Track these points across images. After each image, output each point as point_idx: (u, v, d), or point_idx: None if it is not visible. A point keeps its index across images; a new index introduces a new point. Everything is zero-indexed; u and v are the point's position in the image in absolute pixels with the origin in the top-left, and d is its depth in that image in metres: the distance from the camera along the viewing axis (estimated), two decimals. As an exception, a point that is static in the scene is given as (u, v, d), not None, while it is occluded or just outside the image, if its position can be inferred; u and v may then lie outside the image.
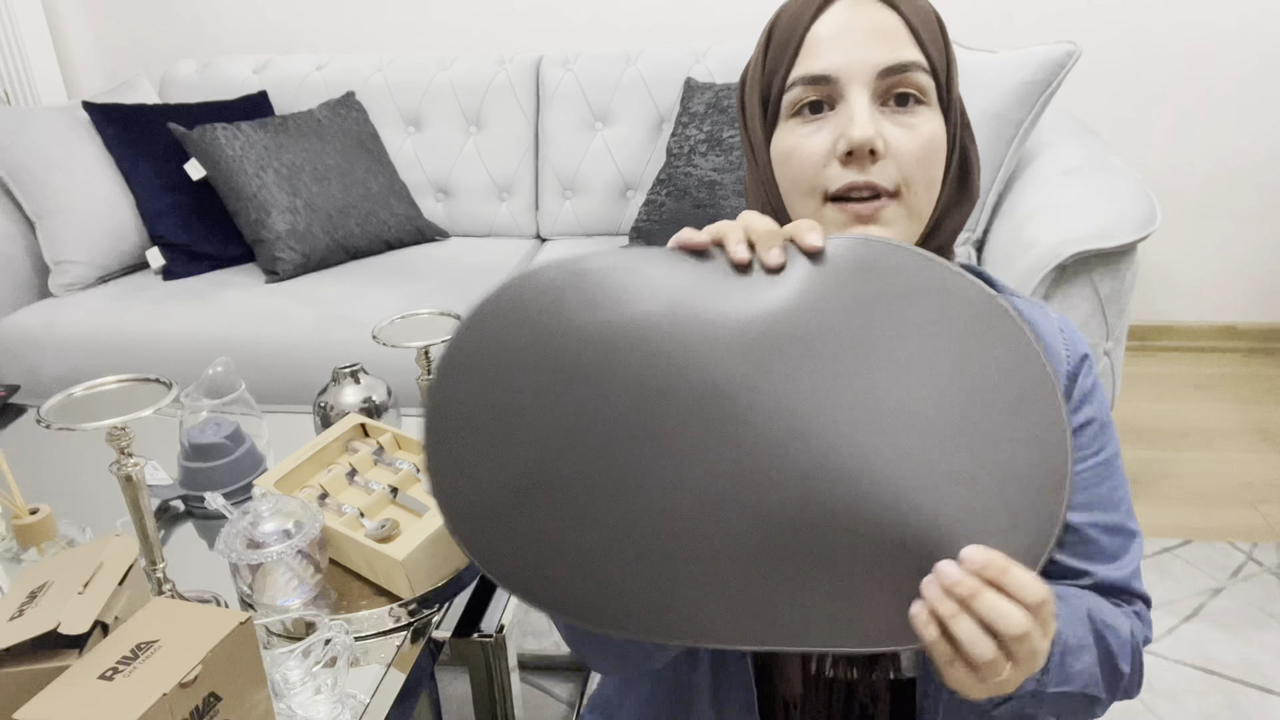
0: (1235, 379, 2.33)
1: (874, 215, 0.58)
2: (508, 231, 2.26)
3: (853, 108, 0.56)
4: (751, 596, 0.49)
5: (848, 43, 0.57)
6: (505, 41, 2.42)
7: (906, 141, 0.57)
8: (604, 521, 0.50)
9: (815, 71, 0.57)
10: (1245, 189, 2.34)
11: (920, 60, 0.57)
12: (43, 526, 0.86)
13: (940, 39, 0.60)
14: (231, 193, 1.92)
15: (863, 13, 0.57)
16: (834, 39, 0.57)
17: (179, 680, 0.54)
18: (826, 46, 0.57)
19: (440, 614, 0.83)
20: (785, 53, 0.59)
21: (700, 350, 0.49)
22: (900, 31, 0.57)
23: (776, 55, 0.60)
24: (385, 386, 1.06)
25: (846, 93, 0.57)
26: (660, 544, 0.49)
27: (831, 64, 0.57)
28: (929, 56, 0.58)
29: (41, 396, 1.33)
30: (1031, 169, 1.72)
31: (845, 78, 0.57)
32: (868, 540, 0.48)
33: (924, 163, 0.58)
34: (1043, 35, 2.24)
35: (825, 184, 0.58)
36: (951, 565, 0.46)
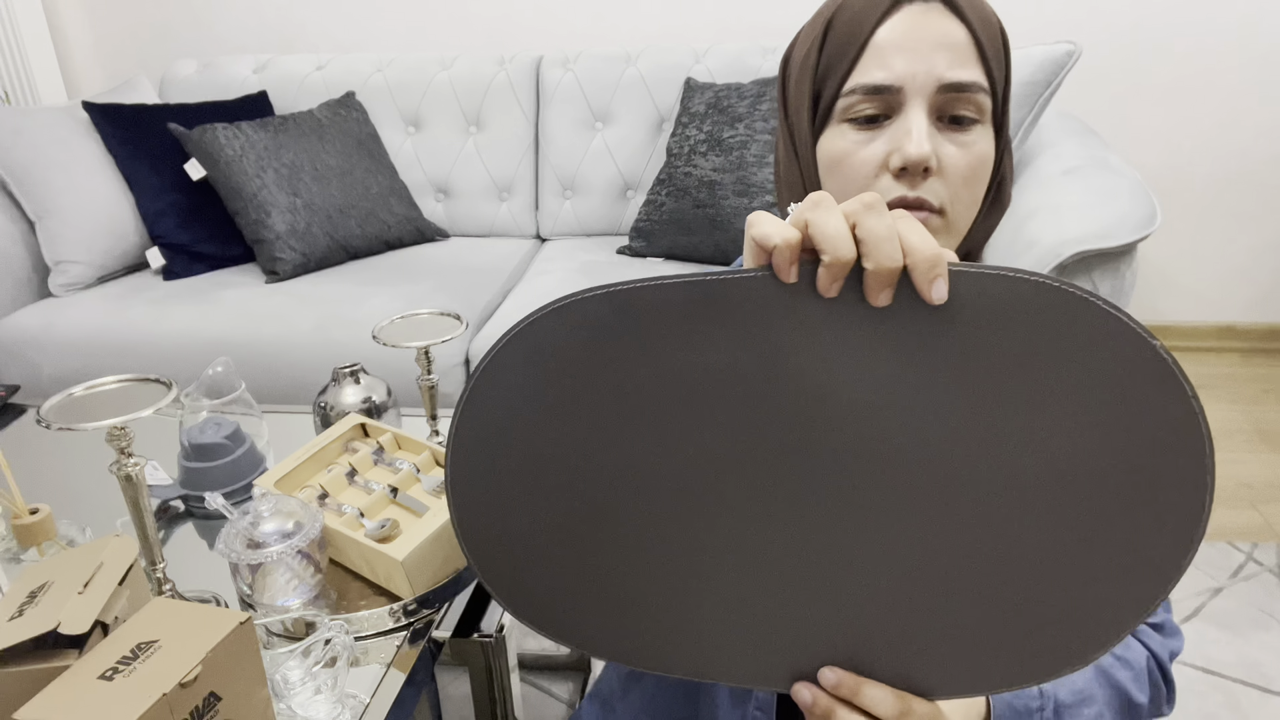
0: (1235, 379, 2.33)
1: None
2: (508, 231, 2.26)
3: (910, 122, 0.55)
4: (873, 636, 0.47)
5: (912, 53, 0.55)
6: (505, 41, 2.42)
7: (959, 160, 0.56)
8: (664, 577, 0.47)
9: (878, 82, 0.56)
10: (1245, 189, 2.34)
11: (982, 81, 0.56)
12: (43, 526, 0.86)
13: (1003, 55, 0.59)
14: (231, 193, 1.92)
15: (930, 22, 0.56)
16: (899, 47, 0.55)
17: (179, 680, 0.54)
18: (890, 55, 0.55)
19: (440, 614, 0.83)
20: (845, 55, 0.57)
21: (784, 407, 0.43)
22: (966, 46, 0.56)
23: (835, 54, 0.58)
24: (385, 386, 1.06)
25: (905, 105, 0.56)
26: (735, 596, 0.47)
27: (894, 75, 0.55)
28: (990, 75, 0.57)
29: (41, 396, 1.33)
30: (1031, 169, 1.72)
31: (906, 88, 0.55)
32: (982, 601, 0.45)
33: (971, 181, 0.57)
34: (1043, 35, 2.24)
35: None
36: (804, 690, 0.47)
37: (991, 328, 0.41)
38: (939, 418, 0.42)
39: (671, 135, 1.97)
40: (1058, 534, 0.43)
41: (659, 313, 0.43)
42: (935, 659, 0.47)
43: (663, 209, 1.94)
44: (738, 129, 1.86)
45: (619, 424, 0.45)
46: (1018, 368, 0.41)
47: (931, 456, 0.43)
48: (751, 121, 1.86)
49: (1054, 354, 0.41)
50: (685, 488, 0.46)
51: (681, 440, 0.45)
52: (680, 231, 1.92)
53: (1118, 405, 0.41)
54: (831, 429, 0.43)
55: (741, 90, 1.91)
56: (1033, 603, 0.45)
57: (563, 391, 0.45)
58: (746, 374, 0.43)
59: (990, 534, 0.44)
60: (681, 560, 0.47)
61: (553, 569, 0.48)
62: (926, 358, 0.41)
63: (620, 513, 0.47)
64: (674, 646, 0.49)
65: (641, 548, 0.47)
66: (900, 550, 0.45)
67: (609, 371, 0.44)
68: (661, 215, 1.94)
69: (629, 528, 0.47)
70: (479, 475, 0.47)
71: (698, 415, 0.44)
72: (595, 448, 0.46)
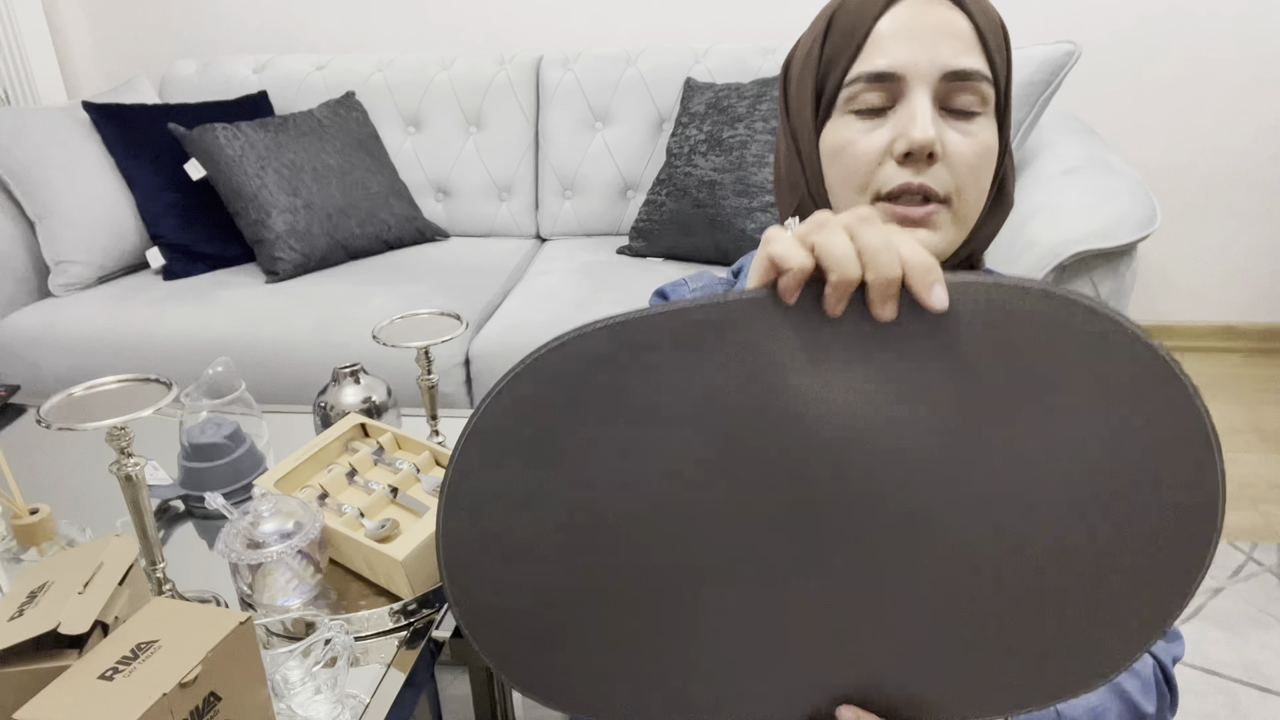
0: (1235, 379, 2.33)
1: (924, 220, 0.56)
2: (508, 231, 2.26)
3: (914, 108, 0.55)
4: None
5: (915, 41, 0.55)
6: (505, 41, 2.42)
7: (964, 148, 0.56)
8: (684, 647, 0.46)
9: (880, 69, 0.56)
10: (1245, 189, 2.34)
11: (984, 69, 0.56)
12: (43, 526, 0.86)
13: (1004, 47, 0.59)
14: (231, 193, 1.92)
15: (933, 11, 0.56)
16: (901, 36, 0.56)
17: (179, 680, 0.54)
18: (893, 43, 0.56)
19: (440, 614, 0.83)
20: (848, 45, 0.57)
21: (801, 448, 0.42)
22: (969, 35, 0.56)
23: (838, 45, 0.58)
24: (385, 386, 1.06)
25: (909, 92, 0.56)
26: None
27: (897, 62, 0.55)
28: (993, 65, 0.57)
29: (41, 396, 1.33)
30: (1031, 169, 1.72)
31: (910, 76, 0.55)
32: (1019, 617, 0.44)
33: (977, 171, 0.57)
34: (1043, 35, 2.24)
35: (879, 183, 0.57)
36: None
37: (994, 339, 0.40)
38: (946, 435, 0.41)
39: (671, 135, 1.97)
40: (1073, 551, 0.42)
41: (660, 342, 0.41)
42: (950, 686, 0.46)
43: (663, 209, 1.94)
44: (738, 129, 1.86)
45: (625, 461, 0.43)
46: (1025, 379, 0.40)
47: (940, 476, 0.42)
48: (751, 121, 1.86)
49: (1058, 363, 0.40)
50: (692, 527, 0.44)
51: (689, 473, 0.43)
52: (680, 231, 1.92)
53: (1125, 413, 0.40)
54: (838, 452, 0.42)
55: (741, 90, 1.91)
56: (1049, 624, 0.44)
57: (565, 429, 0.43)
58: (752, 400, 0.42)
59: (1003, 554, 0.43)
60: (689, 603, 0.45)
61: (554, 624, 0.46)
62: (930, 373, 0.40)
63: (624, 559, 0.45)
64: (684, 700, 0.47)
65: (649, 593, 0.45)
66: (913, 576, 0.44)
67: (613, 405, 0.42)
68: (661, 215, 1.94)
69: (633, 572, 0.45)
70: (476, 511, 0.45)
71: (705, 446, 0.43)
72: (603, 485, 0.44)
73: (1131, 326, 0.39)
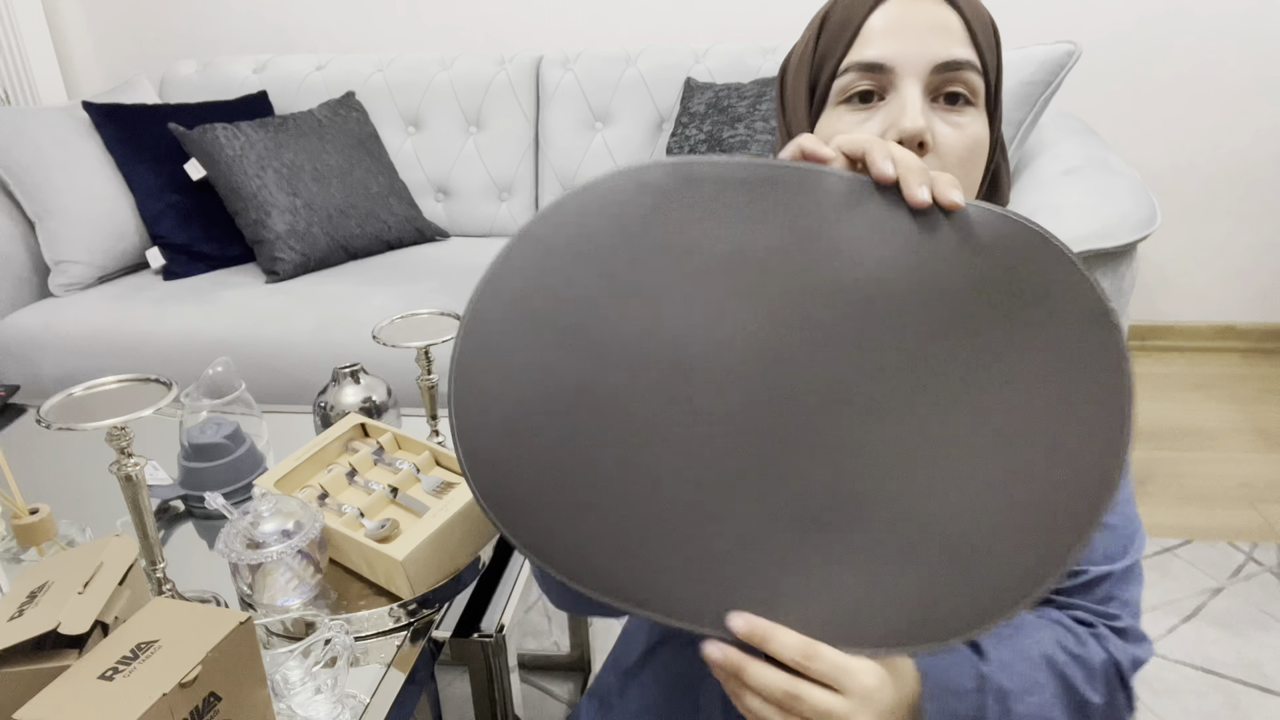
0: (1235, 379, 2.33)
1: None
2: (508, 231, 2.26)
3: (905, 99, 0.56)
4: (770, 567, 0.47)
5: (905, 34, 0.56)
6: (505, 41, 2.42)
7: (954, 139, 0.57)
8: (636, 465, 0.47)
9: (870, 59, 0.57)
10: (1245, 189, 2.34)
11: (974, 60, 0.57)
12: (43, 526, 0.86)
13: (994, 44, 0.60)
14: (231, 193, 1.92)
15: (922, 7, 0.57)
16: (891, 30, 0.57)
17: (179, 680, 0.54)
18: (883, 36, 0.57)
19: (440, 614, 0.83)
20: (840, 39, 0.59)
21: (799, 300, 0.46)
22: (958, 29, 0.57)
23: (830, 41, 0.60)
24: (385, 386, 1.06)
25: (899, 84, 0.57)
26: (686, 493, 0.47)
27: (887, 53, 0.56)
28: (982, 58, 0.58)
29: (41, 396, 1.33)
30: (1031, 169, 1.72)
31: (900, 68, 0.56)
32: (906, 534, 0.47)
33: (967, 163, 0.57)
34: (1043, 35, 2.24)
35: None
36: (712, 647, 0.49)
37: (983, 254, 0.45)
38: (923, 321, 0.46)
39: (671, 135, 1.97)
40: (998, 460, 0.46)
41: (720, 185, 0.46)
42: (863, 605, 0.47)
43: (663, 209, 1.94)
44: (738, 129, 1.86)
45: (662, 293, 0.47)
46: (997, 290, 0.46)
47: (911, 360, 0.46)
48: (751, 121, 1.86)
49: (1019, 283, 0.45)
50: (708, 367, 0.47)
51: (720, 314, 0.47)
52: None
53: (1061, 332, 0.45)
54: (847, 306, 0.46)
55: (741, 90, 1.91)
56: (968, 534, 0.46)
57: (617, 253, 0.47)
58: (787, 253, 0.46)
59: (937, 455, 0.46)
60: (656, 454, 0.47)
61: (538, 442, 0.48)
62: (937, 258, 0.46)
63: (621, 392, 0.47)
64: (619, 563, 0.48)
65: (632, 433, 0.47)
66: (850, 460, 0.47)
67: (666, 234, 0.47)
68: (661, 215, 1.94)
69: (630, 405, 0.47)
70: (502, 316, 0.48)
71: (738, 289, 0.47)
72: (618, 311, 0.47)
73: (1097, 288, 0.45)
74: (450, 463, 0.92)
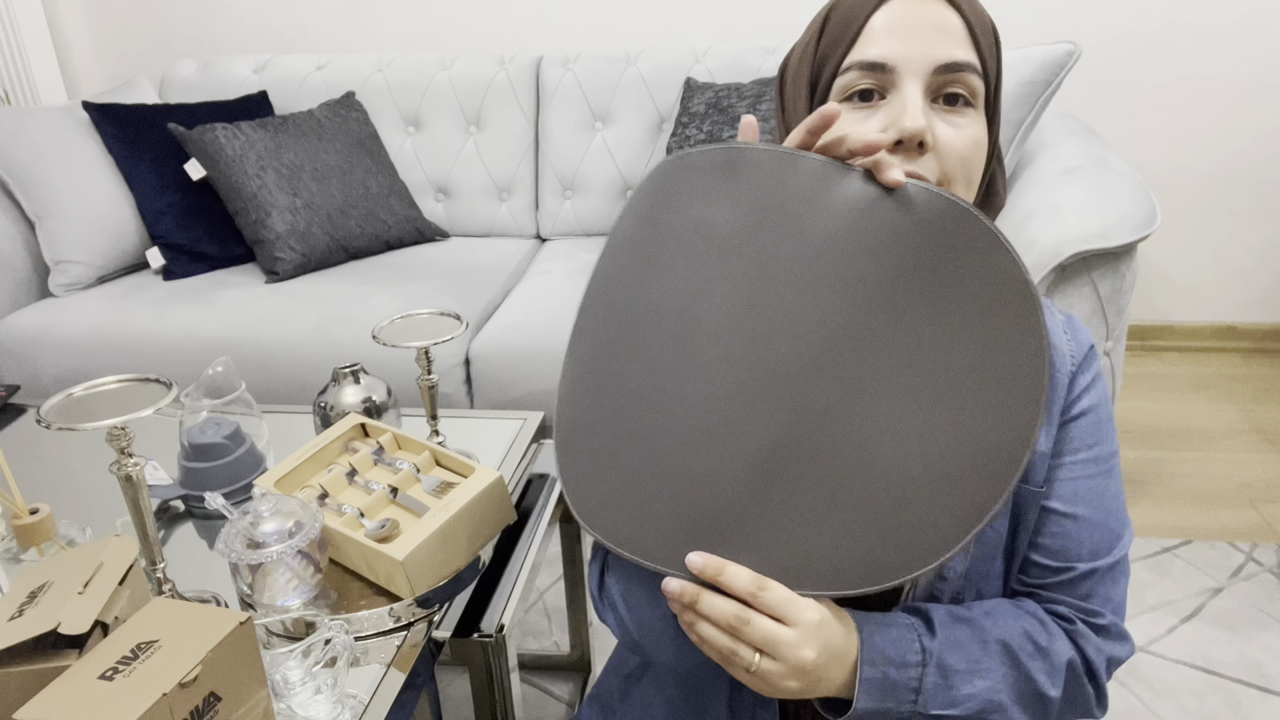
0: (1235, 379, 2.33)
1: None
2: (508, 231, 2.26)
3: (906, 98, 0.56)
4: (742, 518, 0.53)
5: (908, 35, 0.57)
6: (505, 41, 2.42)
7: (953, 140, 0.57)
8: (649, 415, 0.55)
9: (872, 58, 0.57)
10: (1245, 189, 2.34)
11: (975, 62, 0.57)
12: (43, 526, 0.86)
13: (995, 47, 0.60)
14: (231, 193, 1.92)
15: (925, 8, 0.58)
16: (894, 30, 0.57)
17: (179, 680, 0.54)
18: (885, 36, 0.57)
19: (440, 614, 0.83)
20: (843, 38, 0.59)
21: (775, 266, 0.53)
22: (960, 31, 0.57)
23: (832, 40, 0.60)
24: (385, 386, 1.06)
25: (900, 84, 0.57)
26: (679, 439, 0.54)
27: (889, 53, 0.57)
28: (983, 61, 0.58)
29: (41, 396, 1.33)
30: (1031, 169, 1.72)
31: (901, 68, 0.57)
32: (847, 481, 0.52)
33: (966, 164, 0.58)
34: (1043, 35, 2.24)
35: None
36: (671, 581, 0.53)
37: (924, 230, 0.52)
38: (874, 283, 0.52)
39: (671, 135, 1.97)
40: (932, 409, 0.51)
41: (755, 165, 0.55)
42: (811, 551, 0.52)
43: (663, 209, 1.94)
44: (738, 129, 1.86)
45: (675, 266, 0.56)
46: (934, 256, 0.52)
47: (856, 307, 0.52)
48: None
49: (949, 247, 0.52)
50: (706, 319, 0.54)
51: (717, 280, 0.54)
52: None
53: (982, 288, 0.51)
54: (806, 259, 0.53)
55: (741, 90, 1.91)
56: (904, 482, 0.51)
57: (639, 241, 0.58)
58: (759, 227, 0.54)
59: (879, 405, 0.51)
60: (656, 397, 0.55)
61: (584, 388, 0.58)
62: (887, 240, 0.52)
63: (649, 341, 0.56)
64: (620, 505, 0.55)
65: (650, 384, 0.55)
66: (792, 405, 0.52)
67: (672, 219, 0.56)
68: (661, 215, 1.94)
69: (650, 360, 0.55)
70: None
71: (728, 258, 0.54)
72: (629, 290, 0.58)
73: (1017, 259, 0.51)
74: (450, 463, 0.92)
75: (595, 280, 0.60)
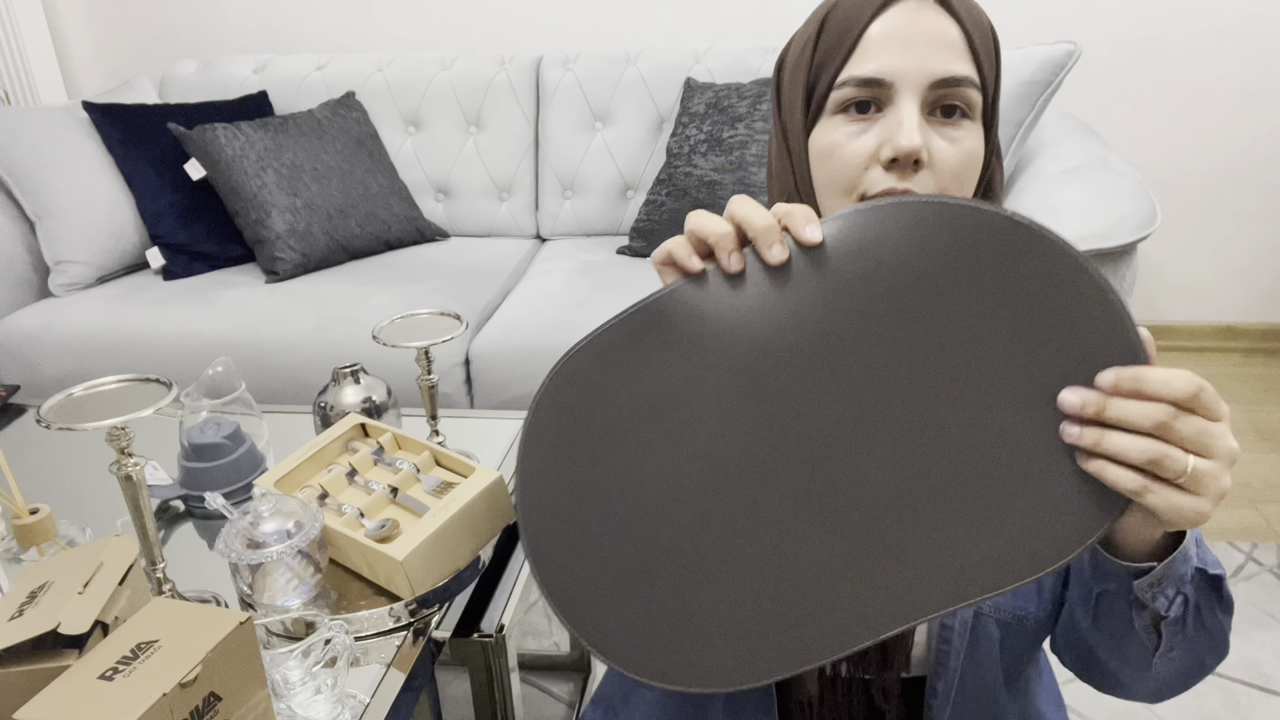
0: (1235, 379, 2.33)
1: None
2: (508, 231, 2.26)
3: (902, 114, 0.56)
4: (874, 582, 0.48)
5: (905, 47, 0.56)
6: (505, 41, 2.42)
7: (949, 154, 0.57)
8: (714, 578, 0.50)
9: (869, 74, 0.57)
10: (1245, 189, 2.34)
11: (973, 76, 0.57)
12: (43, 526, 0.86)
13: (994, 55, 0.60)
14: (231, 193, 1.92)
15: (923, 18, 0.57)
16: (891, 41, 0.56)
17: (179, 680, 0.54)
18: (882, 48, 0.57)
19: (440, 614, 0.83)
20: (839, 48, 0.58)
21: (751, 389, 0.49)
22: (958, 42, 0.57)
23: (829, 49, 0.59)
24: (385, 386, 1.05)
25: (897, 99, 0.56)
26: (774, 576, 0.49)
27: (886, 67, 0.56)
28: (981, 72, 0.58)
29: (41, 396, 1.33)
30: (1031, 169, 1.72)
31: (898, 83, 0.56)
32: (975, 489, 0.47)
33: (961, 177, 0.58)
34: (1043, 35, 2.24)
35: (864, 187, 0.58)
36: (1069, 392, 0.45)
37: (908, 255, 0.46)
38: (899, 345, 0.47)
39: (671, 135, 1.97)
40: (1029, 432, 0.46)
41: (615, 351, 0.50)
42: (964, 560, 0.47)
43: (663, 209, 1.94)
44: (738, 129, 1.86)
45: (634, 452, 0.51)
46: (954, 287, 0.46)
47: (903, 380, 0.47)
48: (751, 121, 1.86)
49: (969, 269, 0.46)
50: (705, 489, 0.50)
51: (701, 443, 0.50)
52: (680, 231, 1.92)
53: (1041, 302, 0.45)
54: (807, 377, 0.48)
55: (741, 90, 1.91)
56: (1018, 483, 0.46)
57: (583, 440, 0.52)
58: (699, 377, 0.49)
59: (967, 442, 0.47)
60: (742, 554, 0.50)
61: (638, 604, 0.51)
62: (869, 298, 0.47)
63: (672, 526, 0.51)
64: (781, 641, 0.49)
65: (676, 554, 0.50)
66: (891, 478, 0.48)
67: (625, 393, 0.51)
68: (661, 215, 1.94)
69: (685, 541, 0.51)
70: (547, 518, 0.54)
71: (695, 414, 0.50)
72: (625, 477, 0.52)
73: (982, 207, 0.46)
74: (450, 463, 0.92)
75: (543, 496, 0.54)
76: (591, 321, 1.67)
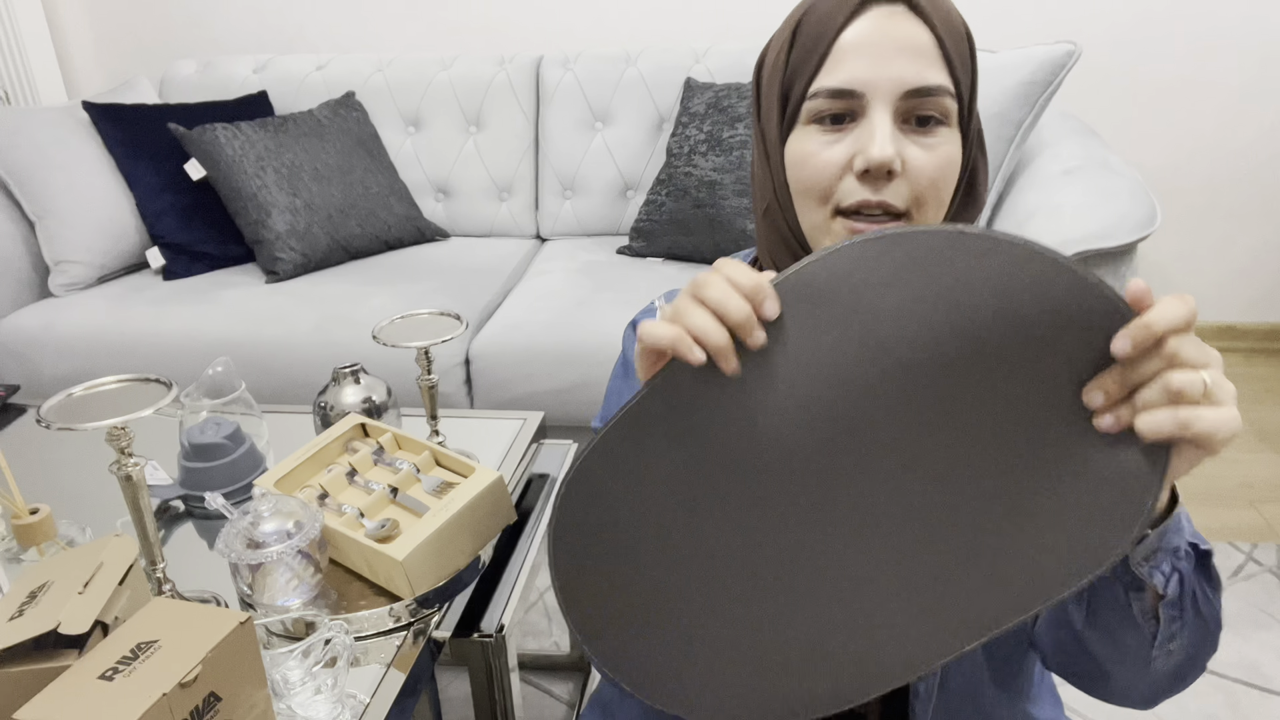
0: (1235, 379, 2.33)
1: None
2: (508, 231, 2.26)
3: (874, 125, 0.55)
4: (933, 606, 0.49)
5: (876, 56, 0.56)
6: (505, 41, 2.42)
7: (924, 163, 0.56)
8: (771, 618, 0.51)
9: (840, 85, 0.56)
10: (1245, 189, 2.34)
11: (947, 84, 0.56)
12: (43, 526, 0.86)
13: (969, 59, 0.59)
14: (231, 193, 1.92)
15: (896, 25, 0.56)
16: (863, 50, 0.56)
17: (179, 680, 0.54)
18: (854, 58, 0.56)
19: (440, 614, 0.83)
20: (811, 57, 0.58)
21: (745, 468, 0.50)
22: (931, 50, 0.56)
23: (802, 57, 0.59)
24: (385, 386, 1.06)
25: (869, 110, 0.56)
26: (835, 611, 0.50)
27: (857, 78, 0.56)
28: (955, 78, 0.57)
29: (41, 396, 1.33)
30: (1031, 169, 1.72)
31: (870, 94, 0.56)
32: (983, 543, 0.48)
33: (938, 184, 0.57)
34: (1043, 35, 2.24)
35: (838, 197, 0.58)
36: (1092, 394, 0.45)
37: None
38: (910, 395, 0.47)
39: (671, 135, 1.97)
40: (1045, 462, 0.47)
41: (625, 449, 0.50)
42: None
43: (663, 209, 1.94)
44: (738, 129, 1.86)
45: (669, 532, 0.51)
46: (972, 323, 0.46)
47: (907, 433, 0.47)
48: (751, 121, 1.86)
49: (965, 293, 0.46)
50: (733, 564, 0.51)
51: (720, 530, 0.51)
52: (680, 232, 1.92)
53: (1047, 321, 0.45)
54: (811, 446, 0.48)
55: (741, 90, 1.91)
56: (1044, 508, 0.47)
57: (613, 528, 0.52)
58: (697, 459, 0.49)
59: (981, 482, 0.47)
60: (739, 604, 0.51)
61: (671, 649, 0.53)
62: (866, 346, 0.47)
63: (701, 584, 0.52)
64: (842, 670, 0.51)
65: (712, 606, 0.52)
66: (899, 538, 0.48)
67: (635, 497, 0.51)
68: (661, 215, 1.94)
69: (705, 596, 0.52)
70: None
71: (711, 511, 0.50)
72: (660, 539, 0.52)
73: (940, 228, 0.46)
74: (450, 463, 0.92)
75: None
76: (591, 321, 1.67)
